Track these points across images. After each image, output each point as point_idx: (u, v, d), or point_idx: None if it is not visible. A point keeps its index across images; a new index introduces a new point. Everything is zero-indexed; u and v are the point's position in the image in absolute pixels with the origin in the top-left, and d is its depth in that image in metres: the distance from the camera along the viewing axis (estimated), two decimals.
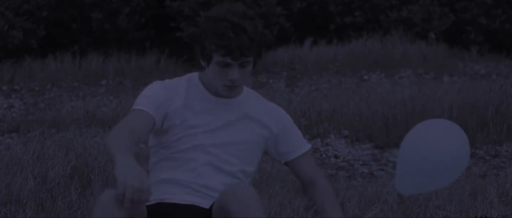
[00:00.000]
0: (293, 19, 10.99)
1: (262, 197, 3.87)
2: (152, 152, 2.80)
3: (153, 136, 2.76)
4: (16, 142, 4.93)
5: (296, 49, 10.32)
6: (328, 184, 2.85)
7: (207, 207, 2.66)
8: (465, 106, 6.24)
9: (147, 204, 2.58)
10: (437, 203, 3.98)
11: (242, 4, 2.75)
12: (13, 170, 4.10)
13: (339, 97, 7.06)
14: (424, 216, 3.84)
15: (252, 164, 2.79)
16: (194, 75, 2.79)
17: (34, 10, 9.99)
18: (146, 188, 2.29)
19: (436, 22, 10.87)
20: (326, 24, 11.25)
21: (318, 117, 6.38)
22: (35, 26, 9.94)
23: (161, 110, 2.67)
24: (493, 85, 6.93)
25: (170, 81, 2.76)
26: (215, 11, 2.65)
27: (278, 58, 10.04)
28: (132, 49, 9.96)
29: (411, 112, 6.28)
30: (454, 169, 2.86)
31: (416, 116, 6.21)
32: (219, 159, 2.71)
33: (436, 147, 2.80)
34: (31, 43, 9.87)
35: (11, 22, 9.71)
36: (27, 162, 4.17)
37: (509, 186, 4.08)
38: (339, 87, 8.30)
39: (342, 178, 4.89)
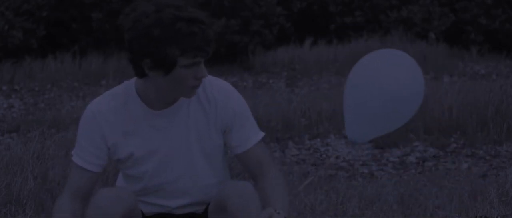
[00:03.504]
0: (293, 19, 11.00)
1: None
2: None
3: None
4: (16, 142, 4.91)
5: (296, 49, 10.33)
6: (278, 175, 2.50)
7: (201, 212, 2.59)
8: (465, 107, 6.24)
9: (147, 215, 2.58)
10: (437, 203, 3.98)
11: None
12: (13, 170, 4.09)
13: (339, 97, 7.03)
14: (424, 216, 3.83)
15: (222, 171, 2.59)
16: (130, 86, 2.46)
17: (34, 10, 10.00)
18: None
19: (436, 22, 10.87)
20: (326, 24, 11.26)
21: (318, 117, 6.37)
22: (35, 26, 9.95)
23: (100, 152, 2.46)
24: (493, 85, 6.91)
25: (101, 107, 2.45)
26: (149, 16, 2.34)
27: (278, 58, 10.04)
28: None
29: None
30: (407, 107, 2.34)
31: (416, 116, 6.22)
32: (191, 196, 2.55)
33: (386, 83, 2.32)
34: (31, 43, 9.87)
35: (11, 22, 9.71)
36: (27, 162, 4.16)
37: (509, 186, 4.07)
38: (339, 87, 8.29)
39: (342, 178, 4.88)
